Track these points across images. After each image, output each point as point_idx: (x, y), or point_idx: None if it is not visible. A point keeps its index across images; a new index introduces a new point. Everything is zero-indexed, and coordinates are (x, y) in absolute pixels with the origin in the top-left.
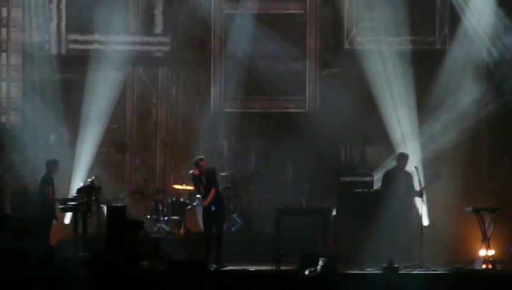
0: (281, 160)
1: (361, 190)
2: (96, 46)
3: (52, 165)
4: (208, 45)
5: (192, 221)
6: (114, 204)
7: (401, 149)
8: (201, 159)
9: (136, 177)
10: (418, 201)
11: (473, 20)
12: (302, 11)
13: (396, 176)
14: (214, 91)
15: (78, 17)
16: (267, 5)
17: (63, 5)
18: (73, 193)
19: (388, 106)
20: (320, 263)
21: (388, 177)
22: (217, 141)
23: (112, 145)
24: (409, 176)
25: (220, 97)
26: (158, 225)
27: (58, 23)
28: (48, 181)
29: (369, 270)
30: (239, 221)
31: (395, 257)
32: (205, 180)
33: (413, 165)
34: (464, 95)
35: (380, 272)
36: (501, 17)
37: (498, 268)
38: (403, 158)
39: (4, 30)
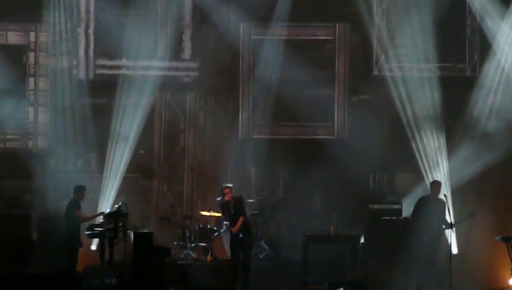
0: (309, 187)
1: (389, 218)
2: (124, 71)
3: (79, 190)
4: (236, 71)
5: (219, 248)
6: (141, 230)
7: (430, 177)
8: (225, 188)
9: (163, 204)
10: (447, 230)
11: (503, 46)
12: (331, 37)
13: (430, 203)
14: (242, 117)
15: (106, 42)
16: (296, 31)
17: (91, 30)
18: (100, 219)
19: (417, 133)
20: None
21: (421, 204)
22: (244, 168)
23: (139, 170)
24: (442, 204)
25: (248, 123)
26: (185, 251)
27: (86, 48)
28: (75, 206)
29: None
30: (267, 248)
31: (424, 285)
32: (233, 208)
33: (442, 192)
34: (494, 122)
35: None
36: None
37: None
38: (436, 186)
39: (32, 55)
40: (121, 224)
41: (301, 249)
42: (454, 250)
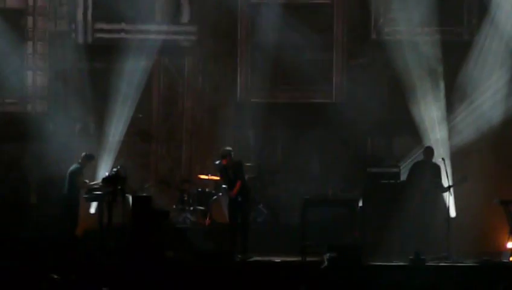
0: (307, 150)
1: (387, 181)
2: (122, 35)
3: (87, 159)
4: (235, 35)
5: (217, 211)
6: (139, 194)
7: (428, 140)
8: (223, 151)
9: (162, 167)
10: (443, 193)
11: (502, 8)
12: (329, 1)
13: (423, 168)
14: (240, 81)
15: (104, 6)
16: None
17: None
18: (99, 182)
19: (416, 96)
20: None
21: (415, 169)
22: (243, 131)
23: (138, 134)
24: (436, 168)
25: (246, 87)
26: (183, 215)
27: (85, 12)
28: (79, 171)
29: (396, 262)
30: (265, 212)
31: (422, 248)
32: (231, 173)
33: (440, 156)
34: (493, 85)
35: (406, 264)
36: None
37: None
38: (429, 152)
39: (30, 18)
40: (119, 188)
41: (299, 212)
42: (453, 213)
